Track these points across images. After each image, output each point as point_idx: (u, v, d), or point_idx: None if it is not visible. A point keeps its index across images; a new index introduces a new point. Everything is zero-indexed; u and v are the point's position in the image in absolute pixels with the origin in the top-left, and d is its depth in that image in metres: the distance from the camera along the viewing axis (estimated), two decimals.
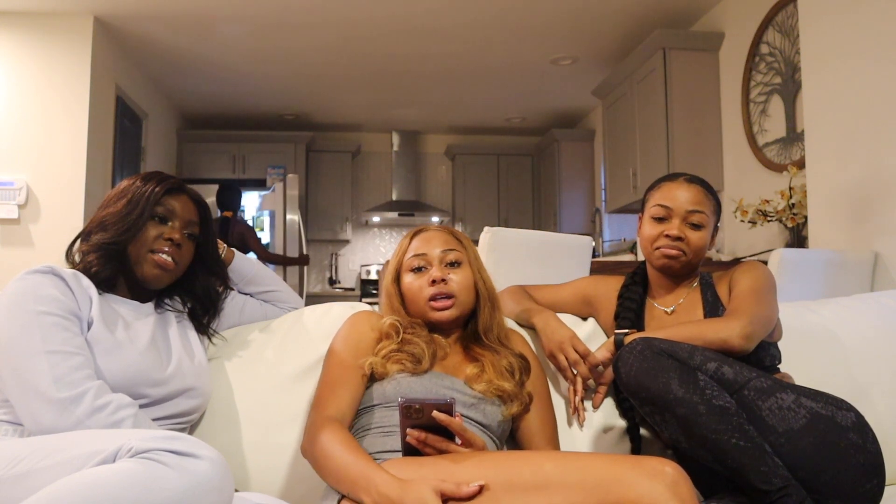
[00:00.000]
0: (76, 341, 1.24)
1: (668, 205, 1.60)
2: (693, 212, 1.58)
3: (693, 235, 1.58)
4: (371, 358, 1.39)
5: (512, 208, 7.16)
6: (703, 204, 1.60)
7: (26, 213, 4.40)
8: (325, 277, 7.30)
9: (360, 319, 1.49)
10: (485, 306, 1.49)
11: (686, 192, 1.60)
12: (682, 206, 1.58)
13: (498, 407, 1.39)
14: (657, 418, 1.33)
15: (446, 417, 1.17)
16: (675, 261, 1.59)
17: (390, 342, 1.41)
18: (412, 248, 1.51)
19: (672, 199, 1.60)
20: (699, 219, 1.58)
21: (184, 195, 1.46)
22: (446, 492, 1.09)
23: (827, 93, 3.03)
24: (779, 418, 1.29)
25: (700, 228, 1.59)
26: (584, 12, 4.51)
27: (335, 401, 1.34)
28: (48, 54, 4.46)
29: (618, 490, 1.06)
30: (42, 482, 1.01)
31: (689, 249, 1.58)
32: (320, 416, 1.31)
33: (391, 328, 1.43)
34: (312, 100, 6.32)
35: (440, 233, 1.52)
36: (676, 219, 1.58)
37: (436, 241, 1.50)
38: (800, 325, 1.79)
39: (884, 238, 2.78)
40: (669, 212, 1.59)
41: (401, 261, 1.51)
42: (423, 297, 1.45)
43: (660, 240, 1.59)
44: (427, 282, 1.45)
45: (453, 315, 1.45)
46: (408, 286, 1.48)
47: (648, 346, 1.34)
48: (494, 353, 1.45)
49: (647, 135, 4.62)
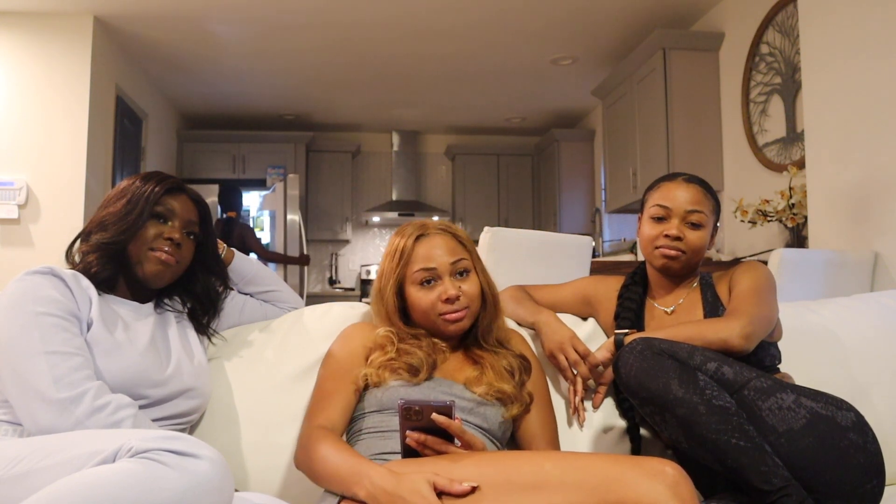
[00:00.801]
0: (75, 342, 1.24)
1: (666, 205, 1.60)
2: (692, 211, 1.58)
3: (692, 235, 1.58)
4: (365, 369, 1.38)
5: (512, 208, 7.16)
6: (702, 203, 1.60)
7: (26, 213, 4.40)
8: (325, 277, 7.30)
9: (352, 333, 1.47)
10: (489, 310, 1.47)
11: (685, 191, 1.60)
12: (680, 206, 1.59)
13: (498, 409, 1.38)
14: (657, 418, 1.33)
15: (446, 420, 1.17)
16: (674, 261, 1.59)
17: (384, 353, 1.39)
18: (418, 258, 1.42)
19: (671, 199, 1.60)
20: (698, 218, 1.58)
21: (183, 195, 1.46)
22: (439, 485, 1.10)
23: (827, 93, 3.03)
24: (779, 418, 1.29)
25: (699, 228, 1.59)
26: (584, 12, 4.51)
27: (326, 412, 1.35)
28: (48, 54, 4.46)
29: (618, 490, 1.06)
30: (42, 482, 1.01)
31: (689, 249, 1.58)
32: (311, 427, 1.32)
33: (385, 339, 1.41)
34: (312, 100, 6.32)
35: (445, 239, 1.45)
36: (675, 219, 1.59)
37: (442, 250, 1.43)
38: (800, 325, 1.79)
39: (884, 238, 2.78)
40: (668, 212, 1.59)
41: (405, 272, 1.43)
42: (435, 313, 1.42)
43: (659, 240, 1.59)
44: (439, 298, 1.41)
45: (466, 326, 1.44)
46: (417, 301, 1.42)
47: (648, 346, 1.34)
48: (494, 355, 1.45)
49: (647, 135, 4.62)
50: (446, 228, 1.48)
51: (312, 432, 1.30)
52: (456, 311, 1.41)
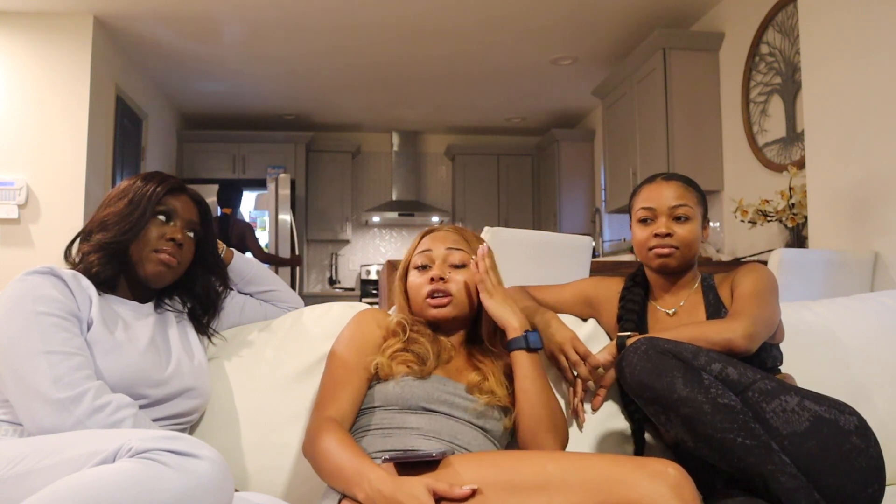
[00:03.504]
0: (76, 342, 1.24)
1: (650, 206, 1.61)
2: (676, 206, 1.59)
3: (681, 229, 1.59)
4: (378, 358, 1.39)
5: (512, 208, 7.16)
6: (685, 197, 1.61)
7: (26, 213, 4.40)
8: (325, 277, 7.30)
9: (366, 318, 1.49)
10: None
11: (665, 189, 1.62)
12: (664, 204, 1.60)
13: (499, 421, 1.39)
14: (662, 418, 1.33)
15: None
16: (669, 258, 1.59)
17: (396, 340, 1.41)
18: (420, 245, 1.52)
19: (653, 200, 1.61)
20: (684, 211, 1.59)
21: (184, 195, 1.46)
22: (438, 490, 1.10)
23: (827, 93, 3.03)
24: (783, 420, 1.29)
25: (687, 221, 1.59)
26: (584, 12, 4.51)
27: (336, 402, 1.34)
28: (48, 54, 4.46)
29: (620, 491, 1.06)
30: (42, 482, 1.01)
31: (681, 243, 1.59)
32: (320, 418, 1.32)
33: (398, 326, 1.43)
34: (312, 100, 6.32)
35: (449, 233, 1.52)
36: (662, 217, 1.60)
37: (443, 240, 1.50)
38: (800, 326, 1.79)
39: (884, 238, 2.78)
40: (653, 212, 1.61)
41: (409, 259, 1.53)
42: (422, 295, 1.46)
43: (650, 241, 1.60)
44: (427, 279, 1.46)
45: (449, 314, 1.45)
46: (411, 283, 1.50)
47: (652, 346, 1.34)
48: (496, 360, 1.45)
49: (647, 135, 4.62)
50: (455, 228, 1.55)
51: (322, 424, 1.29)
52: (440, 293, 1.44)
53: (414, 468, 1.17)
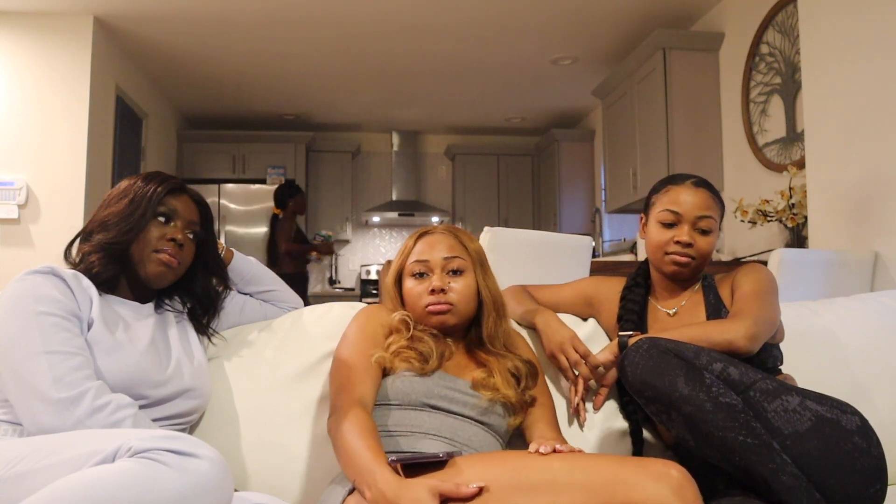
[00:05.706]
0: (76, 342, 1.24)
1: (677, 210, 1.58)
2: (702, 217, 1.57)
3: (702, 241, 1.57)
4: (380, 352, 1.39)
5: (512, 208, 7.16)
6: (712, 209, 1.59)
7: (26, 213, 4.40)
8: (325, 277, 7.30)
9: (371, 312, 1.49)
10: (489, 314, 1.47)
11: (695, 196, 1.58)
12: (691, 212, 1.57)
13: (504, 419, 1.39)
14: (664, 417, 1.33)
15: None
16: (685, 268, 1.58)
17: (400, 337, 1.41)
18: (416, 251, 1.49)
19: (681, 205, 1.58)
20: (708, 224, 1.57)
21: (185, 195, 1.46)
22: (444, 492, 1.09)
23: (827, 93, 3.03)
24: (784, 420, 1.28)
25: (709, 234, 1.58)
26: (584, 12, 4.51)
27: (360, 385, 1.33)
28: (48, 54, 4.46)
29: (623, 492, 1.06)
30: (42, 482, 1.01)
31: (699, 255, 1.58)
32: (349, 399, 1.30)
33: (401, 323, 1.43)
34: (312, 100, 6.32)
35: (445, 237, 1.49)
36: (686, 224, 1.57)
37: (440, 246, 1.47)
38: (800, 326, 1.78)
39: (884, 238, 2.78)
40: (679, 217, 1.57)
41: (403, 264, 1.50)
42: (422, 304, 1.45)
43: (670, 246, 1.58)
44: (426, 290, 1.44)
45: (450, 322, 1.45)
46: (408, 291, 1.48)
47: (654, 345, 1.34)
48: (499, 359, 1.45)
49: (647, 135, 4.62)
50: (450, 230, 1.52)
51: (351, 406, 1.27)
52: (439, 303, 1.43)
53: (421, 469, 1.17)
